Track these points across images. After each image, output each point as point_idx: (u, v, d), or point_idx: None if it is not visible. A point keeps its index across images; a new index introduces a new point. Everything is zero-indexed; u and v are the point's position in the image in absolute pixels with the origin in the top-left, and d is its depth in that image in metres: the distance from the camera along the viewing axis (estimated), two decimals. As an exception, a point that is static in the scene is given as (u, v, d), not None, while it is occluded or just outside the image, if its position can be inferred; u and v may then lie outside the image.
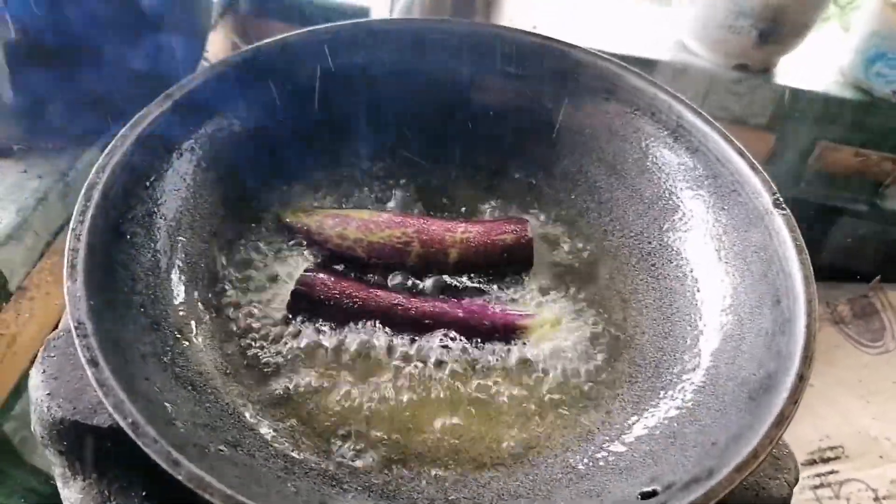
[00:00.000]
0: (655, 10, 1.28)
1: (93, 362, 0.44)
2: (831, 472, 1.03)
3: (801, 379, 0.49)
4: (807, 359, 0.50)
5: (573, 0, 1.23)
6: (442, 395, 0.58)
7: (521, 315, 0.63)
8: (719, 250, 0.63)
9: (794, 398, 0.48)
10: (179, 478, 0.40)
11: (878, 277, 1.20)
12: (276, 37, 0.68)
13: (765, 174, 0.62)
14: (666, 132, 0.69)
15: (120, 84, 0.78)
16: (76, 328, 0.46)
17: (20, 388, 0.80)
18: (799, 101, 1.11)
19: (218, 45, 1.10)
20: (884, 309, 1.18)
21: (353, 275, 0.66)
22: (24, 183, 0.79)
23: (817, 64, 1.15)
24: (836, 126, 1.14)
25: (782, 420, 0.47)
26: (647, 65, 1.11)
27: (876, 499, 1.01)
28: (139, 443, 0.41)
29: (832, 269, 1.18)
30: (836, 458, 1.04)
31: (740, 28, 1.04)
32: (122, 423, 0.41)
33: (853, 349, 1.13)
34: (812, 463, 1.04)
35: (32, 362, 0.81)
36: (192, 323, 0.57)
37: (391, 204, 0.73)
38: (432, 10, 1.07)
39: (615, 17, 1.20)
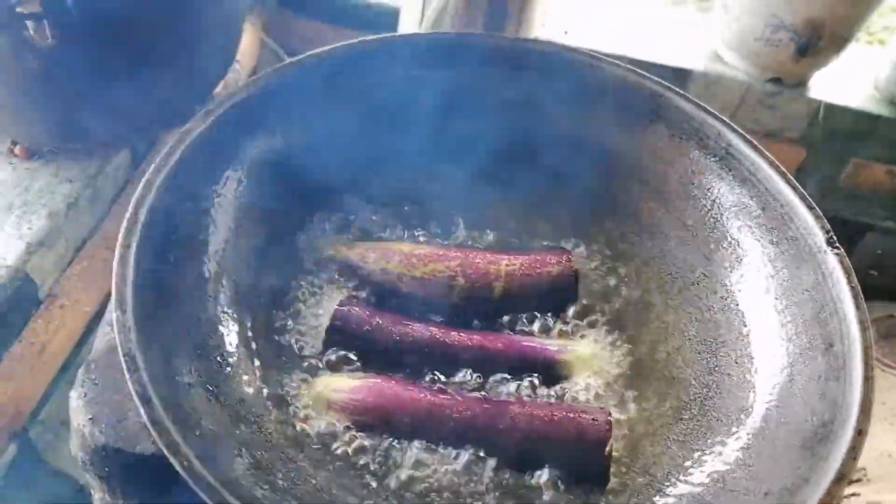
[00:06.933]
0: (690, 17, 1.26)
1: (145, 399, 0.43)
2: (853, 495, 1.02)
3: (860, 433, 0.48)
4: (865, 411, 0.49)
5: (605, 4, 1.20)
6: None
7: (558, 350, 0.62)
8: (768, 286, 0.61)
9: (854, 453, 0.47)
10: (237, 527, 0.39)
11: (904, 297, 1.19)
12: (318, 49, 0.67)
13: (818, 210, 0.60)
14: (713, 159, 0.67)
15: (152, 89, 0.77)
16: (126, 362, 0.45)
17: (47, 394, 0.79)
18: (833, 115, 1.10)
19: (245, 43, 1.07)
20: (910, 329, 1.17)
21: (393, 306, 0.64)
22: (55, 187, 0.77)
23: (852, 78, 1.13)
24: (869, 143, 1.12)
25: (843, 477, 0.46)
26: (680, 74, 1.09)
27: (896, 522, 1.00)
28: (195, 487, 0.40)
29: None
30: (858, 480, 1.03)
31: (778, 41, 1.03)
32: (178, 467, 0.41)
33: (878, 371, 1.11)
34: (833, 483, 1.03)
35: (61, 370, 0.81)
36: (236, 350, 0.56)
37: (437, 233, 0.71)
38: (465, 11, 1.05)
39: (648, 24, 1.17)
